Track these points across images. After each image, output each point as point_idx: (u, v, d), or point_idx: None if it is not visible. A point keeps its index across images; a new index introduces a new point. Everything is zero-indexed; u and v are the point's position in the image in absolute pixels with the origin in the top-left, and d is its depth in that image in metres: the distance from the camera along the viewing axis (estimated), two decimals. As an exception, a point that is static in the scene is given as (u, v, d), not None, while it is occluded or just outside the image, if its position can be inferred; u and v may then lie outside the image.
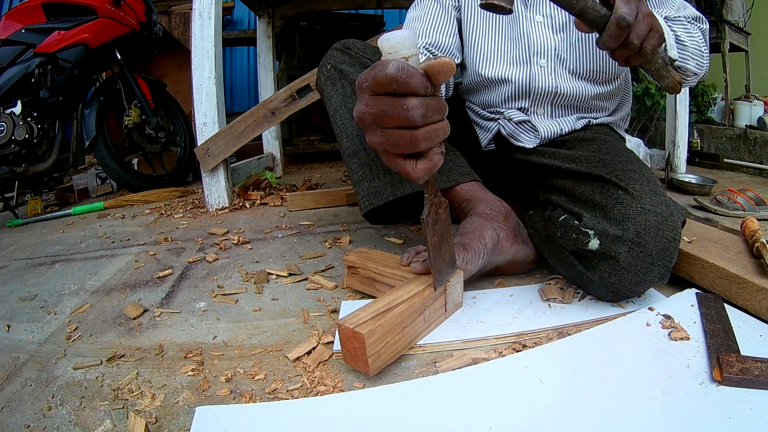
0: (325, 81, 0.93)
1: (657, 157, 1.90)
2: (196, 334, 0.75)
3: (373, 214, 0.92)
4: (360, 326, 0.56)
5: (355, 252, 0.84)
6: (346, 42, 0.94)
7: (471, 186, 0.89)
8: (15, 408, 0.59)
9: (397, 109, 0.49)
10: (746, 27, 2.50)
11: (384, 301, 0.63)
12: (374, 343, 0.57)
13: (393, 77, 0.47)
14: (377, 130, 0.52)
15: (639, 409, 0.49)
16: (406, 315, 0.62)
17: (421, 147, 0.51)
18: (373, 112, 0.50)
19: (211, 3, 1.49)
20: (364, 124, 0.53)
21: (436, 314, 0.69)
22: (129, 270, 1.07)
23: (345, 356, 0.60)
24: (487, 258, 0.78)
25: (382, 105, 0.49)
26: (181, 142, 2.29)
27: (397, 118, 0.49)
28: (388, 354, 0.60)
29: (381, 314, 0.59)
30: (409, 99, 0.48)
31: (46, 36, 1.86)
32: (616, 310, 0.71)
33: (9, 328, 0.83)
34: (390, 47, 0.49)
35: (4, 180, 1.82)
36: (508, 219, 0.84)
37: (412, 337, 0.64)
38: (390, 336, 0.59)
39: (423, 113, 0.49)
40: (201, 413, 0.53)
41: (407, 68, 0.47)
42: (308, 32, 2.75)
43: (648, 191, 0.69)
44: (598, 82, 0.93)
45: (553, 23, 0.90)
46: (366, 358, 0.56)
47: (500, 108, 0.98)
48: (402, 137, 0.50)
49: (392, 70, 0.47)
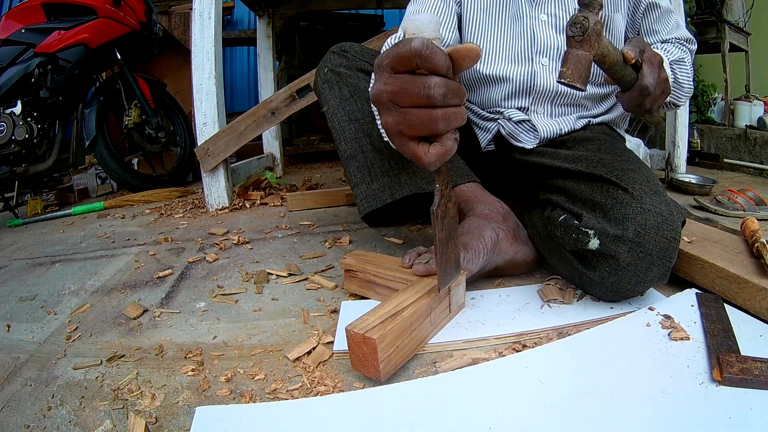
0: (323, 84, 0.93)
1: (657, 157, 1.89)
2: (196, 334, 0.75)
3: (372, 217, 0.91)
4: (370, 331, 0.55)
5: (352, 255, 0.83)
6: (344, 45, 0.94)
7: (469, 187, 0.89)
8: (15, 408, 0.59)
9: (418, 87, 0.48)
10: (746, 27, 2.50)
11: (391, 304, 0.62)
12: (385, 348, 0.56)
13: (417, 51, 0.46)
14: (394, 110, 0.50)
15: (639, 409, 0.49)
16: (415, 318, 0.61)
17: (439, 128, 0.50)
18: (391, 90, 0.49)
19: (211, 3, 1.49)
20: (380, 103, 0.51)
21: (441, 316, 0.68)
22: (129, 270, 1.07)
23: (354, 363, 0.59)
24: (487, 258, 0.78)
25: (402, 82, 0.48)
26: (181, 142, 2.29)
27: (417, 96, 0.48)
28: (399, 358, 0.59)
29: (390, 318, 0.58)
30: (431, 77, 0.48)
31: (46, 36, 1.86)
32: (616, 310, 0.71)
33: (9, 328, 0.83)
34: (415, 27, 0.48)
35: (4, 180, 1.82)
36: (506, 219, 0.84)
37: (420, 339, 0.64)
38: (400, 340, 0.59)
39: (444, 93, 0.48)
40: (201, 413, 0.53)
41: (431, 45, 0.46)
42: (308, 32, 2.75)
43: (648, 191, 0.69)
44: (601, 84, 0.93)
45: (557, 23, 0.90)
46: (377, 364, 0.55)
47: (500, 107, 0.97)
48: (420, 116, 0.49)
49: (417, 44, 0.46)
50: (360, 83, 0.91)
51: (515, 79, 0.93)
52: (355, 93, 0.90)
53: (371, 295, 0.79)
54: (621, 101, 0.71)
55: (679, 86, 0.88)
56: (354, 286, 0.82)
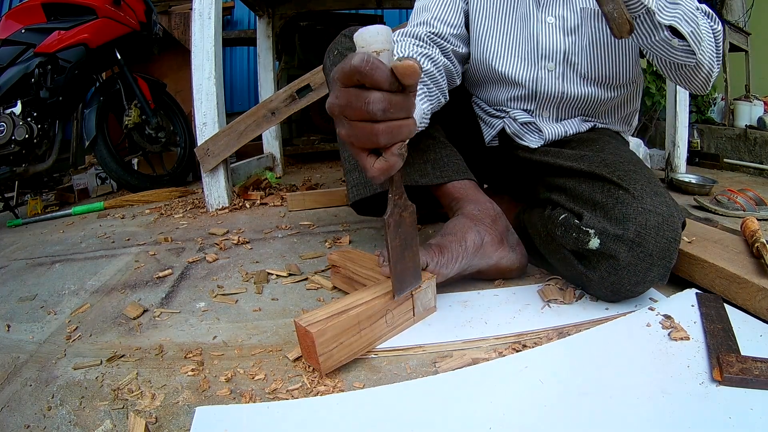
0: (332, 66, 0.92)
1: (657, 157, 1.90)
2: (196, 334, 0.75)
3: (361, 206, 0.91)
4: (312, 325, 0.58)
5: (338, 252, 0.86)
6: (355, 29, 0.93)
7: (463, 184, 0.87)
8: (15, 408, 0.59)
9: (360, 101, 0.49)
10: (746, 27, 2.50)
11: (344, 302, 0.64)
12: (325, 343, 0.58)
13: (356, 68, 0.47)
14: (344, 122, 0.52)
15: (639, 409, 0.49)
16: (364, 317, 0.62)
17: (381, 142, 0.51)
18: (339, 104, 0.51)
19: (211, 3, 1.49)
20: (334, 115, 0.53)
21: (401, 318, 0.68)
22: (129, 270, 1.07)
23: (303, 352, 0.62)
24: (467, 261, 0.76)
25: (348, 96, 0.50)
26: (181, 142, 2.28)
27: (359, 111, 0.49)
28: (342, 354, 0.61)
29: (336, 315, 0.60)
30: (371, 92, 0.48)
31: (46, 36, 1.86)
32: (616, 310, 0.71)
33: (9, 328, 0.83)
34: (363, 40, 0.49)
35: (4, 180, 1.82)
36: (495, 222, 0.82)
37: (372, 339, 0.64)
38: (344, 337, 0.60)
39: (384, 108, 0.49)
40: (201, 413, 0.53)
41: (372, 61, 0.47)
42: (308, 32, 2.75)
43: (649, 191, 0.69)
44: (610, 86, 0.90)
45: (565, 25, 0.87)
46: (317, 357, 0.58)
47: (506, 107, 0.97)
48: (364, 130, 0.50)
49: (356, 61, 0.47)
50: None
51: (520, 81, 0.91)
52: None
53: (352, 291, 0.79)
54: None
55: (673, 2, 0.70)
56: (339, 282, 0.86)
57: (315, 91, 1.55)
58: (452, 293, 0.79)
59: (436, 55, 0.83)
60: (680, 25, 0.70)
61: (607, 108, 0.96)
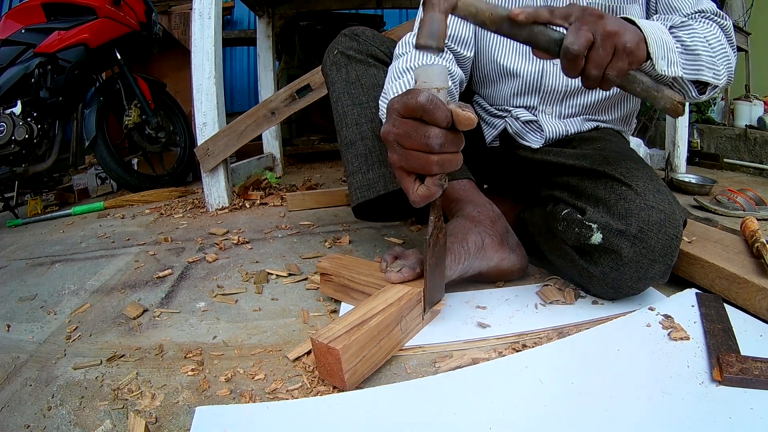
0: (331, 66, 0.92)
1: (657, 157, 1.90)
2: (196, 334, 0.75)
3: (363, 209, 0.90)
4: (335, 341, 0.54)
5: (327, 258, 0.82)
6: (356, 29, 0.93)
7: (462, 185, 0.86)
8: (15, 408, 0.59)
9: (419, 134, 0.55)
10: (746, 27, 2.50)
11: (359, 312, 0.61)
12: (350, 359, 0.55)
13: (422, 105, 0.53)
14: (398, 149, 0.58)
15: (639, 409, 0.49)
16: (383, 326, 0.60)
17: (434, 171, 0.56)
18: (397, 132, 0.57)
19: (211, 3, 1.49)
20: (388, 141, 0.59)
21: (413, 323, 0.67)
22: (129, 270, 1.07)
23: (320, 371, 0.58)
24: (469, 263, 0.76)
25: (407, 127, 0.56)
26: (181, 142, 2.29)
27: (418, 142, 0.55)
28: (365, 368, 0.58)
29: (356, 327, 0.57)
30: (431, 128, 0.54)
31: (46, 36, 1.86)
32: (616, 310, 0.71)
33: (9, 328, 0.83)
34: (425, 76, 0.55)
35: (4, 180, 1.82)
36: (495, 223, 0.82)
37: (390, 348, 0.62)
38: (366, 349, 0.57)
39: (441, 143, 0.54)
40: (201, 413, 0.53)
41: (436, 101, 0.53)
42: (308, 32, 2.75)
43: (652, 189, 0.69)
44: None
45: None
46: (342, 374, 0.54)
47: (508, 106, 0.96)
48: (419, 159, 0.56)
49: (423, 99, 0.53)
50: (369, 68, 0.90)
51: (525, 75, 0.91)
52: (362, 77, 0.89)
53: (346, 299, 0.78)
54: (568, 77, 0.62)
55: (694, 54, 0.69)
56: (330, 290, 0.81)
57: (315, 91, 1.55)
58: (452, 293, 0.79)
59: (454, 70, 0.85)
60: (704, 77, 0.69)
61: (608, 105, 0.95)
